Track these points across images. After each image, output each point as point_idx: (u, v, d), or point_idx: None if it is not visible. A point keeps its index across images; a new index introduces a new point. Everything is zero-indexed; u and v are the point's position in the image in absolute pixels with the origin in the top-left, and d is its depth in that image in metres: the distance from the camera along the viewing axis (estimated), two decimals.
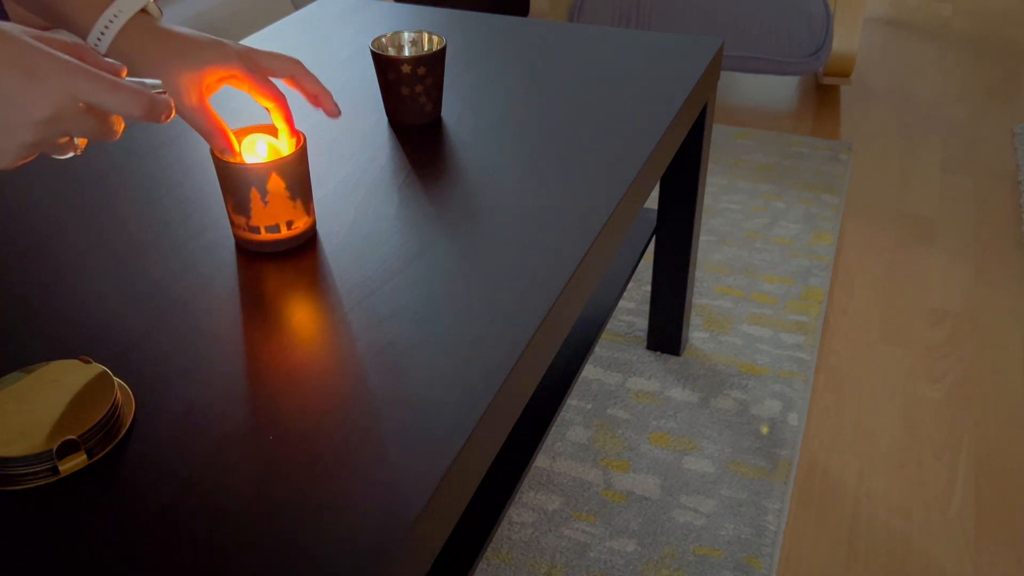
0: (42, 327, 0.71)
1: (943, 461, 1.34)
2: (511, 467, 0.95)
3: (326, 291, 0.75)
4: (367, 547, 0.53)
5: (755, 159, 2.20)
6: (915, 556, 1.20)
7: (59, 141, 0.58)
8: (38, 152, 0.58)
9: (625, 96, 1.10)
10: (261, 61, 0.76)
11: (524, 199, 0.89)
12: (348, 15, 1.38)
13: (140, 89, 0.58)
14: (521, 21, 1.35)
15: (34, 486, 0.57)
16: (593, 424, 1.40)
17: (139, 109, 0.57)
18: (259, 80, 0.75)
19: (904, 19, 3.12)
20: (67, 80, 0.55)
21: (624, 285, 1.28)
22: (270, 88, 0.76)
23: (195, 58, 0.73)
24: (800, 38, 2.23)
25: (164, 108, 0.59)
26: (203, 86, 0.74)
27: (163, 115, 0.59)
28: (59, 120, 0.55)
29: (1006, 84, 2.62)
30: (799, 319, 1.63)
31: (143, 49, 0.73)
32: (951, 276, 1.76)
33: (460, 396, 0.64)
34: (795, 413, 1.41)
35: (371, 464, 0.58)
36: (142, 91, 0.58)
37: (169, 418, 0.62)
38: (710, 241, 1.87)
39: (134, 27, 0.73)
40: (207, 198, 0.89)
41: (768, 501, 1.26)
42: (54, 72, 0.54)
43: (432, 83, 1.01)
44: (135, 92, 0.57)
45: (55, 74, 0.54)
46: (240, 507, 0.55)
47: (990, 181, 2.10)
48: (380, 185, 0.91)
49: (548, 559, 1.19)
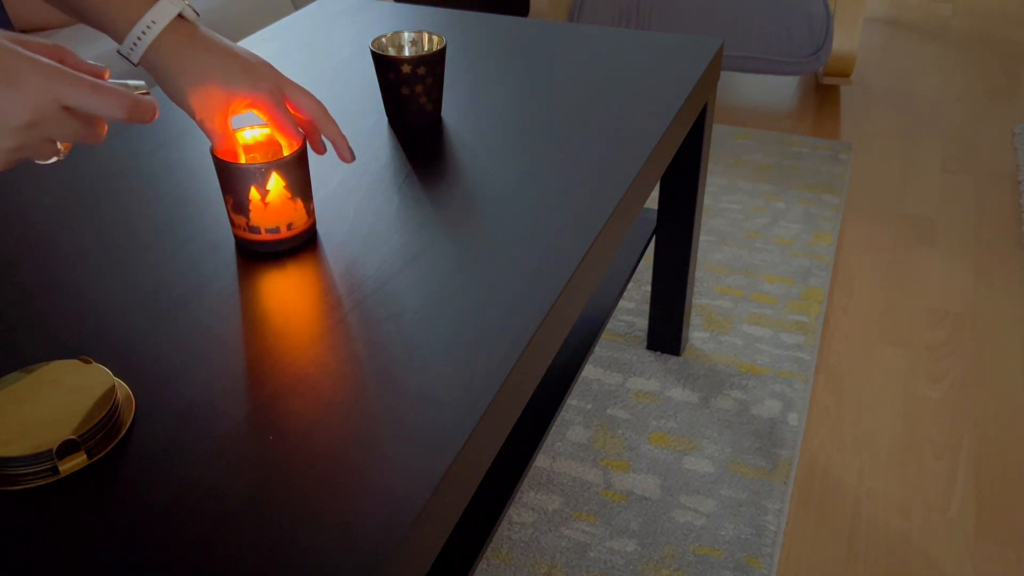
0: (42, 327, 0.71)
1: (943, 461, 1.34)
2: (511, 467, 0.95)
3: (326, 291, 0.75)
4: (367, 547, 0.53)
5: (755, 159, 2.20)
6: (915, 556, 1.20)
7: (41, 146, 0.57)
8: (21, 157, 0.57)
9: (625, 96, 1.10)
10: (290, 96, 0.76)
11: (524, 199, 0.89)
12: (348, 15, 1.38)
13: (122, 90, 0.57)
14: (521, 21, 1.35)
15: (34, 486, 0.57)
16: (593, 424, 1.40)
17: (121, 110, 0.57)
18: (283, 117, 0.75)
19: (904, 19, 3.12)
20: (47, 84, 0.54)
21: (624, 285, 1.28)
22: (291, 128, 0.76)
23: (226, 82, 0.72)
24: (800, 38, 2.23)
25: (147, 109, 0.59)
26: (228, 110, 0.74)
27: (146, 116, 0.59)
28: (40, 125, 0.55)
29: (1006, 84, 2.62)
30: (799, 319, 1.63)
31: (177, 60, 0.71)
32: (951, 276, 1.76)
33: (460, 396, 0.64)
34: (795, 413, 1.41)
35: (371, 464, 0.58)
36: (124, 92, 0.57)
37: (169, 418, 0.62)
38: (710, 241, 1.87)
39: (170, 34, 0.71)
40: (207, 198, 0.89)
41: (768, 501, 1.26)
42: (33, 76, 0.54)
43: (432, 83, 1.01)
44: (117, 93, 0.57)
45: (34, 78, 0.54)
46: (240, 507, 0.55)
47: (990, 181, 2.10)
48: (380, 185, 0.91)
49: (548, 559, 1.19)
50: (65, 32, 1.73)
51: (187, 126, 1.04)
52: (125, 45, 0.71)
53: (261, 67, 0.75)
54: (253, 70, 0.74)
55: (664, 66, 1.19)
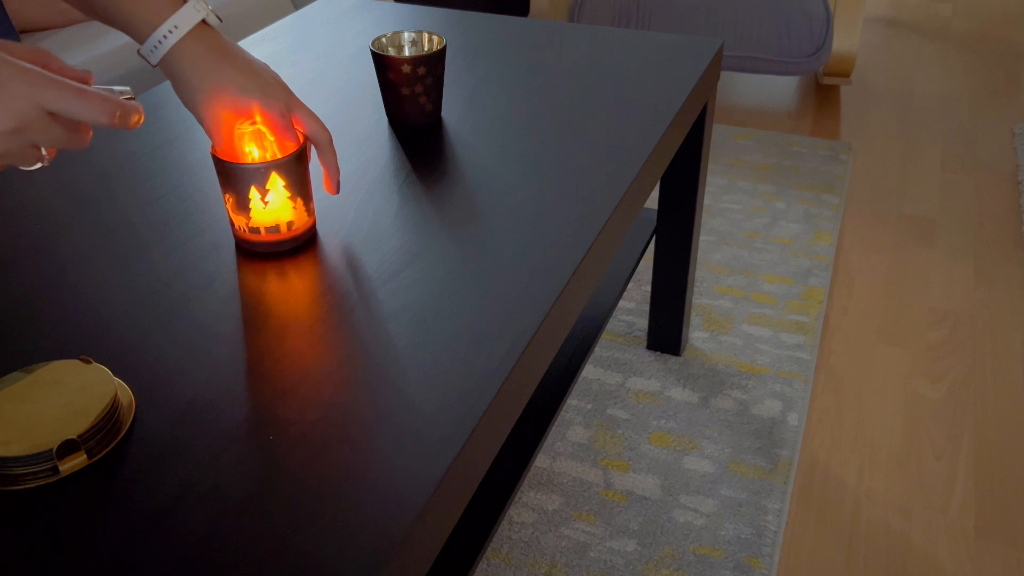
0: (42, 327, 0.71)
1: (943, 461, 1.34)
2: (511, 467, 0.95)
3: (326, 291, 0.75)
4: (367, 547, 0.53)
5: (755, 159, 2.20)
6: (915, 556, 1.20)
7: (25, 151, 0.57)
8: (5, 164, 0.57)
9: (625, 96, 1.10)
10: (299, 118, 0.77)
11: (524, 199, 0.89)
12: (348, 15, 1.38)
13: (108, 96, 0.57)
14: (521, 21, 1.35)
15: (34, 486, 0.57)
16: (593, 424, 1.40)
17: (106, 116, 0.57)
18: (288, 139, 0.76)
19: (904, 19, 3.12)
20: (30, 90, 0.54)
21: (624, 285, 1.28)
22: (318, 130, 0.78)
23: (239, 95, 0.73)
24: (800, 38, 2.23)
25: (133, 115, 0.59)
26: (235, 123, 0.75)
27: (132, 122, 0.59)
28: (24, 131, 0.55)
29: (1006, 84, 2.62)
30: (799, 319, 1.63)
31: (194, 67, 0.72)
32: (951, 276, 1.76)
33: (460, 396, 0.64)
34: (795, 413, 1.41)
35: (371, 464, 0.58)
36: (110, 98, 0.57)
37: (169, 418, 0.62)
38: (710, 241, 1.87)
39: (191, 40, 0.72)
40: (207, 198, 0.89)
41: (768, 501, 1.26)
42: (16, 82, 0.54)
43: (432, 83, 1.01)
44: (102, 99, 0.56)
45: (17, 84, 0.54)
46: (240, 507, 0.55)
47: (990, 181, 2.10)
48: (380, 185, 0.91)
49: (548, 559, 1.19)
50: (65, 32, 1.73)
51: (187, 126, 1.04)
52: (146, 46, 0.71)
53: (275, 85, 0.76)
54: (267, 87, 0.75)
55: (664, 66, 1.19)
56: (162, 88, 1.14)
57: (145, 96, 1.12)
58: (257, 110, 0.74)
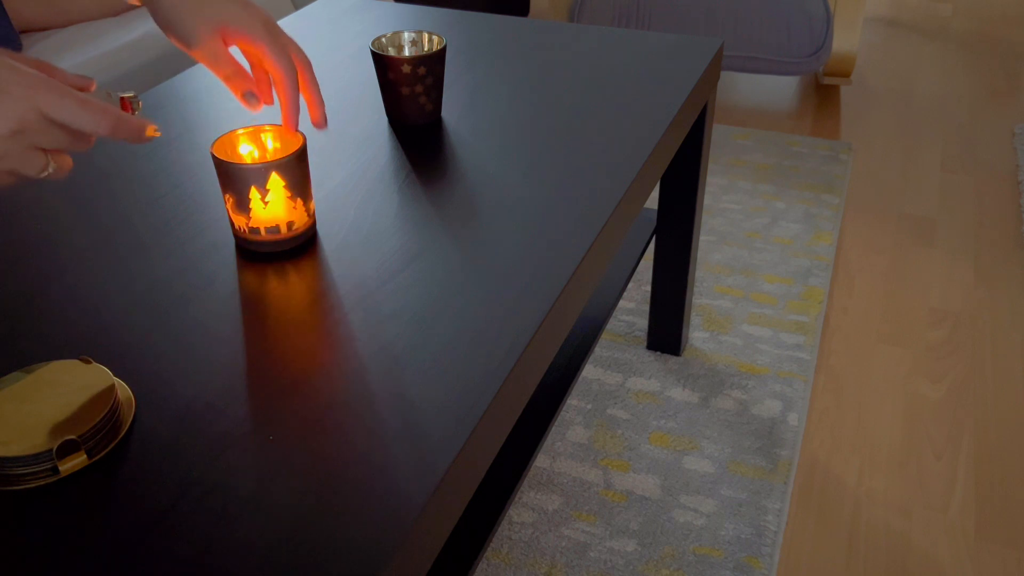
0: (42, 327, 0.71)
1: (943, 461, 1.34)
2: (511, 467, 0.95)
3: (326, 291, 0.75)
4: (367, 547, 0.53)
5: (755, 159, 2.20)
6: (915, 556, 1.20)
7: (26, 154, 0.57)
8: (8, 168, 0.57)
9: (625, 96, 1.10)
10: (281, 38, 0.76)
11: (524, 199, 0.89)
12: (348, 15, 1.38)
13: (107, 106, 0.57)
14: (521, 21, 1.35)
15: (34, 486, 0.57)
16: (593, 424, 1.40)
17: (105, 126, 0.57)
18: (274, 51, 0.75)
19: (904, 19, 3.12)
20: (31, 94, 0.54)
21: (624, 285, 1.28)
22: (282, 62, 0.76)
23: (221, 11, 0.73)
24: (800, 38, 2.23)
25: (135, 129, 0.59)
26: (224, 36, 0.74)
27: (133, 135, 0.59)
28: (24, 134, 0.55)
29: (1006, 84, 2.62)
30: (799, 319, 1.63)
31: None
32: (951, 276, 1.76)
33: (460, 396, 0.64)
34: (795, 413, 1.41)
35: (371, 464, 0.58)
36: (109, 108, 0.57)
37: (169, 418, 0.62)
38: (710, 241, 1.87)
39: None
40: (207, 198, 0.89)
41: (768, 501, 1.26)
42: (16, 85, 0.54)
43: (432, 83, 1.01)
44: (102, 109, 0.57)
45: (18, 87, 0.54)
46: (240, 507, 0.55)
47: (990, 181, 2.10)
48: (380, 185, 0.91)
49: (548, 559, 1.19)
50: (65, 32, 1.73)
51: (187, 126, 1.04)
52: None
53: (257, 9, 0.76)
54: (249, 6, 0.75)
55: (664, 66, 1.19)
56: (162, 88, 1.14)
57: (145, 96, 1.12)
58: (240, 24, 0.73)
